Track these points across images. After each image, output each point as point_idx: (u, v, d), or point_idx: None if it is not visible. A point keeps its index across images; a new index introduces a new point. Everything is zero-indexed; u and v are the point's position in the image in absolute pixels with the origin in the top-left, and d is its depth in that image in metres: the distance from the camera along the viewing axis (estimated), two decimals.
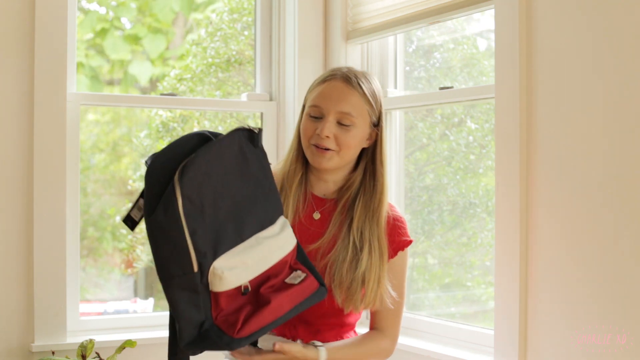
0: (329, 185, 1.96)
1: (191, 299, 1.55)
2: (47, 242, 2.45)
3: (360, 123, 1.88)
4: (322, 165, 1.88)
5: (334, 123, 1.86)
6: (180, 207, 1.53)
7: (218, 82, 4.13)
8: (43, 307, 2.44)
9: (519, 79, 2.07)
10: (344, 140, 1.86)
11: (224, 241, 1.60)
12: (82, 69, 4.95)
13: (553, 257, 2.00)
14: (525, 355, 2.07)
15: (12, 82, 2.43)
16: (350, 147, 1.88)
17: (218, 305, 1.58)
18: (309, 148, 1.89)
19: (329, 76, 1.91)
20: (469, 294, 2.87)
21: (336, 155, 1.87)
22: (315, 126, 1.88)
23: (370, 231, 1.89)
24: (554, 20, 2.00)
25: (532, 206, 2.05)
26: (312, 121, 1.89)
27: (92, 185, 4.94)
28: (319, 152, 1.87)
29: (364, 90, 1.89)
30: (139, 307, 4.59)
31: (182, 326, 1.55)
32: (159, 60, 5.06)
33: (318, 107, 1.88)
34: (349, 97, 1.87)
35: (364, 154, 1.95)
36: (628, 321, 1.82)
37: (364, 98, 1.88)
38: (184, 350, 1.58)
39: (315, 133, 1.87)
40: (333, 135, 1.86)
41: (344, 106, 1.86)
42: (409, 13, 2.56)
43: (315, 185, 1.96)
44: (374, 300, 1.87)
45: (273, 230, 1.70)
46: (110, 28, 5.03)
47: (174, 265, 1.54)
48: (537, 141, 2.04)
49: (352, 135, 1.87)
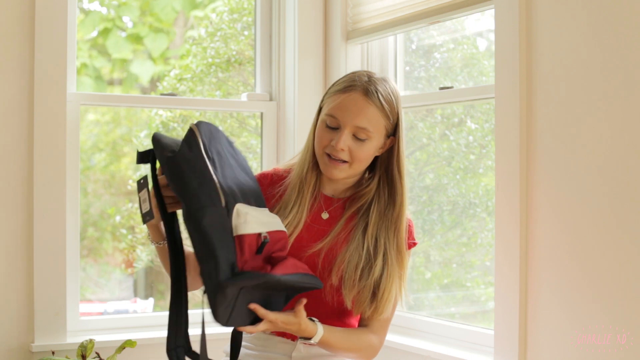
0: (339, 186, 1.98)
1: (224, 236, 1.57)
2: (47, 242, 2.45)
3: (375, 137, 1.88)
4: (333, 175, 1.89)
5: (350, 136, 1.86)
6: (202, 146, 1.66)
7: (218, 82, 4.13)
8: (43, 307, 2.44)
9: (519, 79, 2.07)
10: (358, 154, 1.87)
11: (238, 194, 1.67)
12: (85, 70, 4.95)
13: (553, 257, 2.00)
14: (525, 355, 2.07)
15: (12, 82, 2.43)
16: (362, 160, 1.89)
17: (243, 254, 1.59)
18: (323, 157, 1.89)
19: (349, 86, 1.89)
20: (468, 294, 2.87)
21: (348, 167, 1.88)
22: (331, 136, 1.87)
23: (386, 240, 1.90)
24: (554, 20, 2.00)
25: (532, 206, 2.05)
26: (327, 131, 1.88)
27: (92, 185, 4.94)
28: (332, 163, 1.88)
29: (382, 104, 1.87)
30: (139, 307, 4.59)
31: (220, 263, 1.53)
32: (161, 59, 5.06)
33: (335, 118, 1.87)
34: (366, 111, 1.86)
35: (379, 161, 1.96)
36: (628, 321, 1.82)
37: (382, 112, 1.87)
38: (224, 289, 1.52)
39: (330, 144, 1.87)
40: (347, 148, 1.86)
41: (361, 121, 1.85)
42: (409, 13, 2.56)
43: (326, 185, 1.98)
44: (388, 307, 1.88)
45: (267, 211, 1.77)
46: (112, 28, 5.03)
47: (203, 196, 1.58)
48: (537, 141, 2.04)
49: (366, 148, 1.88)
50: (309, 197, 1.93)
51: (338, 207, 1.96)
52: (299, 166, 1.97)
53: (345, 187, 1.98)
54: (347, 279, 1.86)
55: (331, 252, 1.90)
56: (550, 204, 2.01)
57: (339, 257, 1.88)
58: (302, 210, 1.92)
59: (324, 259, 1.89)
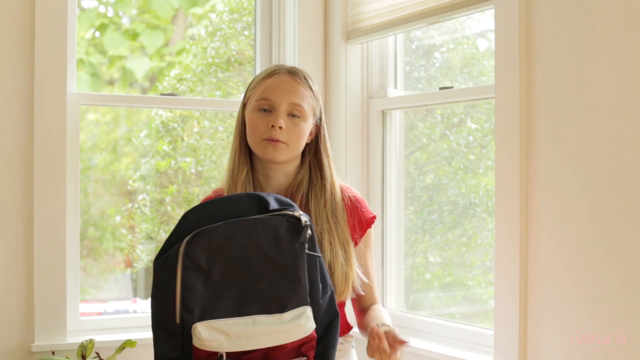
0: (280, 182, 1.95)
1: (169, 340, 1.65)
2: (47, 242, 2.45)
3: (308, 116, 1.91)
4: (274, 157, 1.88)
5: (285, 115, 1.88)
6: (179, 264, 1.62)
7: (218, 82, 4.13)
8: (43, 307, 2.44)
9: (519, 79, 2.07)
10: (294, 132, 1.88)
11: (218, 308, 1.64)
12: (82, 66, 4.95)
13: (553, 257, 2.00)
14: (525, 355, 2.07)
15: (12, 82, 2.43)
16: (299, 139, 1.90)
17: (198, 357, 1.64)
18: (260, 143, 1.88)
19: (274, 71, 1.93)
20: (469, 294, 2.87)
21: (286, 147, 1.88)
22: (267, 119, 1.87)
23: (325, 223, 1.90)
24: (554, 20, 2.00)
25: (532, 206, 2.05)
26: (262, 115, 1.89)
27: (92, 185, 4.93)
28: (272, 144, 1.87)
29: (309, 84, 1.93)
30: (139, 307, 4.59)
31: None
32: (157, 56, 5.05)
33: (268, 99, 1.88)
34: (297, 88, 1.90)
35: (307, 150, 1.97)
36: (628, 321, 1.82)
37: (310, 92, 1.92)
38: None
39: (268, 126, 1.86)
40: (285, 127, 1.87)
41: (295, 97, 1.89)
42: (409, 13, 2.55)
43: (265, 184, 1.95)
44: (347, 287, 1.89)
45: (280, 318, 1.67)
46: (109, 24, 5.03)
47: (161, 311, 1.65)
48: (537, 141, 2.04)
49: (301, 127, 1.89)
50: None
51: None
52: (228, 172, 1.95)
53: (287, 183, 1.95)
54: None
55: None
56: (550, 203, 2.01)
57: None
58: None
59: None
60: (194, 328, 1.63)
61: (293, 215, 1.67)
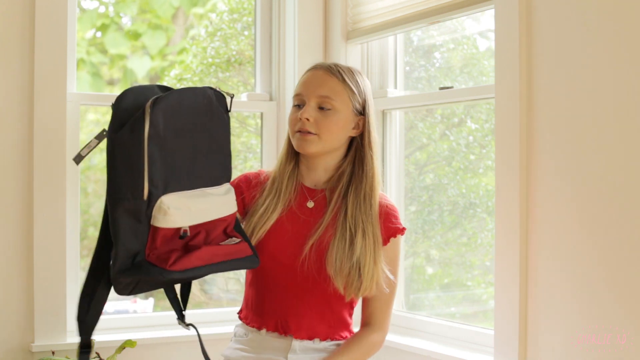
0: (319, 175, 1.99)
1: (133, 226, 1.59)
2: (47, 242, 2.45)
3: (341, 108, 1.92)
4: (304, 149, 1.92)
5: (315, 107, 1.91)
6: (146, 131, 1.58)
7: (218, 82, 4.13)
8: (43, 307, 2.44)
9: (519, 79, 2.07)
10: (324, 124, 1.90)
11: (176, 181, 1.65)
12: (83, 66, 4.94)
13: (553, 257, 2.00)
14: (525, 355, 2.07)
15: (12, 81, 2.43)
16: (331, 132, 1.91)
17: (154, 242, 1.61)
18: (294, 137, 1.94)
19: (312, 67, 1.98)
20: (469, 294, 2.87)
21: (317, 139, 1.91)
22: (298, 113, 1.93)
23: (363, 217, 1.91)
24: (554, 20, 2.00)
25: (532, 206, 2.05)
26: (295, 110, 1.95)
27: (93, 185, 4.93)
28: (302, 136, 1.91)
29: (344, 78, 1.94)
30: (139, 307, 4.58)
31: (119, 253, 1.58)
32: (159, 55, 5.05)
33: (299, 95, 1.94)
34: (328, 82, 1.92)
35: (353, 143, 1.99)
36: (628, 321, 1.82)
37: (344, 84, 1.93)
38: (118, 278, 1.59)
39: (298, 119, 1.91)
40: (314, 120, 1.90)
41: (323, 90, 1.91)
42: (409, 13, 2.55)
43: (305, 176, 2.00)
44: (372, 283, 1.89)
45: (218, 190, 1.76)
46: (110, 24, 5.03)
47: (125, 188, 1.58)
48: (537, 141, 2.04)
49: (333, 120, 1.91)
50: (285, 186, 1.96)
51: (322, 197, 1.97)
52: (278, 161, 2.02)
53: (327, 176, 1.99)
54: (336, 263, 1.87)
55: (321, 243, 1.91)
56: (550, 203, 2.01)
57: (330, 248, 1.89)
58: (279, 199, 1.94)
59: (316, 251, 1.90)
60: (160, 203, 1.60)
61: (216, 88, 1.77)
